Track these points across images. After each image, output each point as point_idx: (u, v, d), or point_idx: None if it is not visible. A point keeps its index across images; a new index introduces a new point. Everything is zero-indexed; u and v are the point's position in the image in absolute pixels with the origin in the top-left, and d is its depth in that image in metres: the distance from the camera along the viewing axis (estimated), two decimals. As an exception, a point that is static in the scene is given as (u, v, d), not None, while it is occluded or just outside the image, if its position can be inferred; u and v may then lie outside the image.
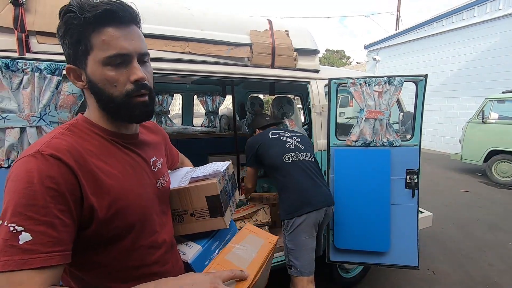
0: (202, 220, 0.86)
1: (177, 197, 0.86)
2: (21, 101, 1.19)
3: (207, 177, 0.86)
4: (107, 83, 0.61)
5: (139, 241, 0.67)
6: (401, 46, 10.93)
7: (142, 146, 0.74)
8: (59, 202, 0.52)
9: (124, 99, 0.62)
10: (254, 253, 0.79)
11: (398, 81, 1.86)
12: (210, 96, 3.70)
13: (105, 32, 0.59)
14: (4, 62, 1.14)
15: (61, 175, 0.53)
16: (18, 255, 0.48)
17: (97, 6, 0.57)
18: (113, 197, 0.60)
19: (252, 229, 0.93)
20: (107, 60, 0.59)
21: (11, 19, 1.34)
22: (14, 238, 0.48)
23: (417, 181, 1.93)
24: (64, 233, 0.52)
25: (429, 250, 3.12)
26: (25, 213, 0.49)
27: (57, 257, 0.51)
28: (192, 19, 1.79)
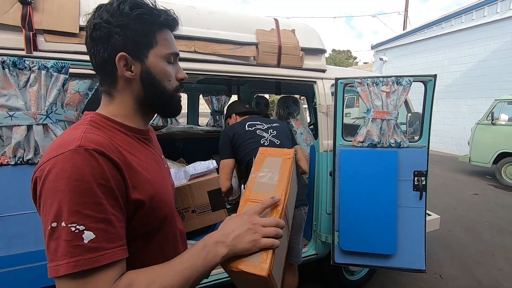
0: (203, 215, 0.89)
1: (178, 195, 0.88)
2: (28, 99, 1.20)
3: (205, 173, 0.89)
4: (165, 77, 0.67)
5: (170, 232, 0.71)
6: (408, 46, 10.81)
7: (152, 142, 0.77)
8: (111, 198, 0.52)
9: (173, 93, 0.69)
10: (277, 174, 0.78)
11: (406, 81, 1.83)
12: (216, 96, 3.70)
13: (167, 33, 0.68)
14: (12, 60, 1.15)
15: (108, 170, 0.53)
16: (87, 254, 0.48)
17: (168, 13, 0.67)
18: (151, 190, 0.62)
19: (266, 151, 0.90)
20: (168, 55, 0.67)
21: (19, 17, 1.35)
22: (78, 238, 0.48)
23: (425, 183, 1.89)
24: (120, 228, 0.54)
25: (436, 253, 3.07)
26: (83, 212, 0.49)
27: (120, 251, 0.52)
28: (198, 18, 1.79)
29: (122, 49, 0.62)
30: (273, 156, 0.86)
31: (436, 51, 9.74)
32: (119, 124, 0.66)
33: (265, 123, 1.94)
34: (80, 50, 1.48)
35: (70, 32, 1.45)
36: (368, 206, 1.91)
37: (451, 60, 9.30)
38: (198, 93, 3.79)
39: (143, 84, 0.65)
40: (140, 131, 0.70)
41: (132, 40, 0.62)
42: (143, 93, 0.66)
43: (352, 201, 1.93)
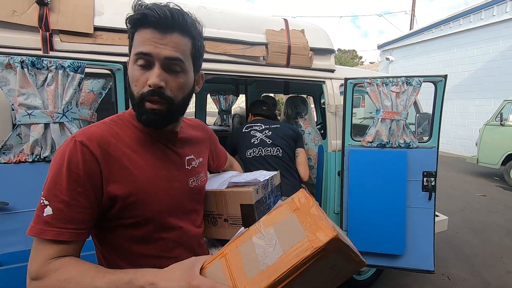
0: (234, 227, 0.82)
1: (213, 199, 0.84)
2: (46, 98, 1.22)
3: (246, 184, 0.83)
4: (132, 81, 0.64)
5: (159, 233, 0.69)
6: (415, 46, 10.71)
7: (180, 143, 0.77)
8: (79, 186, 0.58)
9: (138, 100, 0.63)
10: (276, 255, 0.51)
11: (416, 81, 1.83)
12: (223, 95, 3.72)
13: (142, 32, 0.63)
14: (30, 60, 1.18)
15: (84, 162, 0.59)
16: (40, 225, 0.57)
17: (141, 10, 0.62)
18: (135, 187, 0.64)
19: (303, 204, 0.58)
20: (134, 57, 0.63)
21: (36, 18, 1.38)
22: (41, 210, 0.58)
23: (434, 183, 1.89)
24: (79, 214, 0.59)
25: (444, 255, 3.05)
26: (53, 190, 0.58)
27: (67, 233, 0.58)
28: (208, 18, 1.80)
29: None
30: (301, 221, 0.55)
31: (444, 51, 9.63)
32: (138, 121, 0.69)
33: (264, 124, 2.01)
34: (94, 50, 1.51)
35: (84, 33, 1.48)
36: (377, 206, 1.91)
37: (459, 60, 9.20)
38: (205, 93, 3.81)
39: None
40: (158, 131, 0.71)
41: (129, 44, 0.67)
42: None
43: (360, 201, 1.94)
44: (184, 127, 0.81)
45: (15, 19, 1.36)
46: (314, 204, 0.59)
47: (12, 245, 1.23)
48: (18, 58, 1.16)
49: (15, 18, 1.36)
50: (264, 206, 0.88)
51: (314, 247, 0.48)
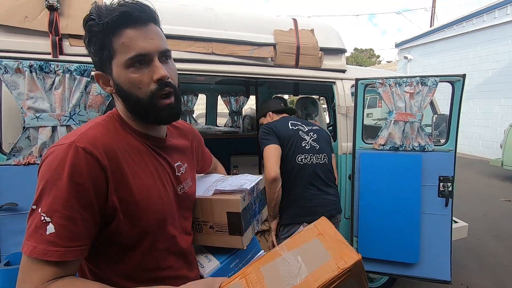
0: (220, 234, 0.82)
1: (199, 206, 0.83)
2: (53, 101, 1.25)
3: (232, 192, 0.81)
4: (132, 85, 0.61)
5: (155, 245, 0.66)
6: (436, 43, 10.32)
7: (168, 149, 0.74)
8: (83, 197, 0.54)
9: (149, 100, 0.62)
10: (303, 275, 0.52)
11: (432, 81, 1.74)
12: (234, 97, 3.71)
13: (123, 34, 0.59)
14: (39, 64, 1.21)
15: (89, 171, 0.54)
16: (43, 244, 0.52)
17: (113, 10, 0.58)
18: (135, 197, 0.61)
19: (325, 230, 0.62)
20: (129, 62, 0.60)
21: (47, 23, 1.41)
22: (43, 227, 0.52)
23: (451, 189, 1.79)
24: (83, 228, 0.55)
25: (464, 263, 2.90)
26: (54, 205, 0.52)
27: (73, 252, 0.54)
28: (216, 20, 1.79)
29: (96, 67, 0.63)
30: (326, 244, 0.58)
31: (466, 48, 9.22)
32: (130, 127, 0.67)
33: (305, 125, 1.80)
34: (103, 53, 1.53)
35: (93, 36, 1.50)
36: (389, 211, 1.84)
37: (482, 58, 8.77)
38: (216, 94, 3.82)
39: (120, 97, 0.64)
40: (150, 138, 0.69)
41: (98, 57, 0.62)
42: (124, 105, 0.65)
43: (372, 206, 1.87)
44: (170, 131, 0.79)
45: (27, 25, 1.40)
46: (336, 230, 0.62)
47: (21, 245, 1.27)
48: (27, 62, 1.19)
49: (27, 24, 1.40)
50: (250, 213, 0.86)
51: (341, 268, 0.51)
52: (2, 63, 1.16)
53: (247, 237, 0.82)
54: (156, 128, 0.71)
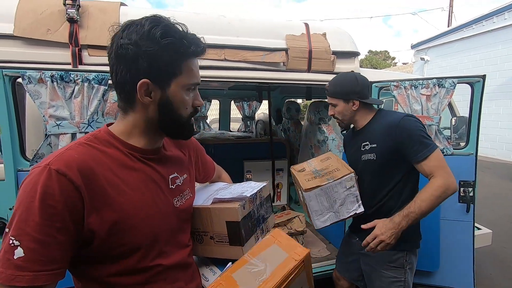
0: (220, 245, 0.79)
1: (199, 216, 0.81)
2: (73, 109, 1.30)
3: (232, 200, 0.79)
4: (182, 105, 0.67)
5: (144, 261, 0.65)
6: (454, 44, 10.02)
7: (162, 161, 0.73)
8: (57, 220, 0.52)
9: (187, 119, 0.69)
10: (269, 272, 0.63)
11: (450, 83, 1.69)
12: (247, 102, 3.74)
13: (193, 63, 0.67)
14: (60, 74, 1.26)
15: (62, 192, 0.53)
16: (10, 270, 0.49)
17: (197, 43, 0.65)
18: (119, 215, 0.59)
19: (279, 237, 0.74)
20: (190, 86, 0.67)
21: (67, 35, 1.48)
22: (11, 251, 0.50)
23: (472, 194, 1.72)
24: (57, 251, 0.53)
25: (488, 272, 2.77)
26: (24, 228, 0.51)
27: (44, 276, 0.51)
28: (228, 27, 1.82)
29: (145, 75, 0.61)
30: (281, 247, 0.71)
31: (487, 47, 8.90)
32: (120, 141, 0.66)
33: None
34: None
35: (110, 46, 1.56)
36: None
37: (504, 57, 8.43)
38: (229, 99, 3.86)
39: (159, 109, 0.65)
40: (142, 150, 0.68)
41: (157, 68, 0.61)
42: (157, 118, 0.66)
43: (388, 211, 1.82)
44: (166, 142, 0.78)
45: (49, 37, 1.47)
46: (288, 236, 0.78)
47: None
48: (49, 73, 1.25)
49: (49, 36, 1.47)
50: (252, 222, 0.82)
51: (296, 259, 0.66)
52: (26, 74, 1.23)
53: (248, 247, 0.78)
54: (154, 141, 0.70)
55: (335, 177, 1.27)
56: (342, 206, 1.29)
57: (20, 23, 1.45)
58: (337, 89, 1.38)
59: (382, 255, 1.28)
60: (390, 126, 1.27)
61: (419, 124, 1.26)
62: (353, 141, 1.47)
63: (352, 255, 1.50)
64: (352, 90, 1.34)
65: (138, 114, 0.66)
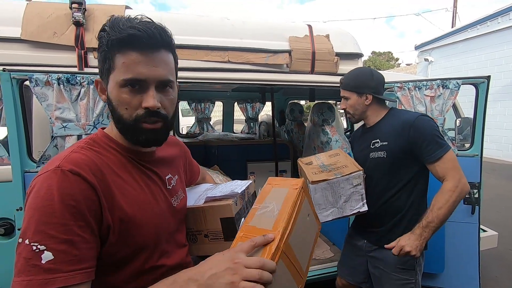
0: (215, 242, 0.81)
1: (192, 216, 0.83)
2: (79, 111, 1.32)
3: (223, 197, 0.81)
4: (120, 104, 0.61)
5: (150, 262, 0.65)
6: (458, 44, 9.96)
7: (157, 163, 0.73)
8: (79, 219, 0.52)
9: (132, 122, 0.61)
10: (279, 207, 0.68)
11: (454, 84, 1.68)
12: (250, 103, 3.75)
13: (127, 55, 0.59)
14: (66, 77, 1.28)
15: (81, 191, 0.53)
16: (40, 275, 0.48)
17: (124, 30, 0.57)
18: (126, 215, 0.59)
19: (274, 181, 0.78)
20: (123, 82, 0.60)
21: (73, 38, 1.50)
22: (37, 257, 0.48)
23: (477, 196, 1.71)
24: (85, 250, 0.52)
25: (494, 274, 2.74)
26: (47, 232, 0.49)
27: (78, 275, 0.51)
28: (231, 29, 1.83)
29: (99, 74, 0.64)
30: (280, 187, 0.76)
31: (491, 48, 8.83)
32: (116, 143, 0.66)
33: None
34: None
35: (115, 49, 1.57)
36: (411, 219, 1.77)
37: (509, 58, 8.35)
38: (233, 101, 3.87)
39: (109, 108, 0.64)
40: (137, 153, 0.68)
41: (100, 65, 0.63)
42: (112, 117, 0.65)
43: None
44: None
45: (55, 40, 1.50)
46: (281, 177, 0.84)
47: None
48: (55, 75, 1.26)
49: (55, 39, 1.50)
50: (243, 217, 0.84)
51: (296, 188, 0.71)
52: (34, 77, 1.24)
53: None
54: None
55: (343, 173, 1.27)
56: (347, 203, 1.29)
57: (27, 26, 1.47)
58: (352, 82, 1.37)
59: (393, 258, 1.26)
60: (404, 124, 1.25)
61: (433, 124, 1.25)
62: (362, 138, 1.46)
63: (358, 257, 1.48)
64: (367, 84, 1.34)
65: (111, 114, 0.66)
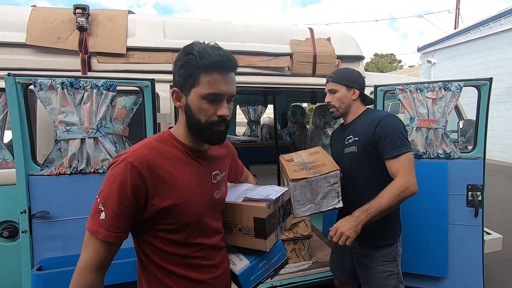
0: (247, 237, 0.94)
1: (230, 210, 0.95)
2: (82, 115, 1.33)
3: (260, 200, 0.93)
4: (199, 111, 0.79)
5: (191, 238, 0.82)
6: (461, 46, 9.92)
7: (208, 160, 0.89)
8: (126, 199, 0.72)
9: (207, 126, 0.80)
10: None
11: (456, 86, 1.68)
12: (252, 106, 3.76)
13: (211, 75, 0.77)
14: (70, 81, 1.29)
15: (132, 180, 0.73)
16: (96, 225, 0.72)
17: (212, 57, 0.75)
18: (176, 199, 0.78)
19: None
20: (206, 95, 0.77)
21: (77, 43, 1.52)
22: (99, 212, 0.73)
23: (481, 198, 1.70)
24: (123, 222, 0.74)
25: (499, 278, 2.71)
26: (107, 200, 0.73)
27: (113, 236, 0.73)
28: (234, 33, 1.85)
29: (176, 85, 0.81)
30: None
31: (494, 50, 8.78)
32: (178, 141, 0.84)
33: None
34: (127, 68, 1.62)
35: (118, 53, 1.59)
36: (414, 222, 1.76)
37: (513, 59, 8.31)
38: (235, 104, 3.88)
39: (186, 113, 0.81)
40: (193, 150, 0.85)
41: (182, 79, 0.79)
42: (186, 121, 0.82)
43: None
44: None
45: (60, 45, 1.52)
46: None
47: (52, 251, 1.34)
48: (59, 79, 1.28)
49: (59, 44, 1.52)
50: (274, 220, 0.97)
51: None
52: (38, 81, 1.26)
53: (270, 241, 0.94)
54: (201, 144, 0.87)
55: (321, 172, 1.34)
56: (323, 199, 1.36)
57: (32, 31, 1.49)
58: (342, 75, 1.47)
59: (375, 252, 1.38)
60: (372, 121, 1.35)
61: (399, 124, 1.33)
62: (339, 135, 1.55)
63: (344, 255, 1.54)
64: (356, 80, 1.45)
65: (181, 117, 0.85)
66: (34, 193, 1.31)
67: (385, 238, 1.38)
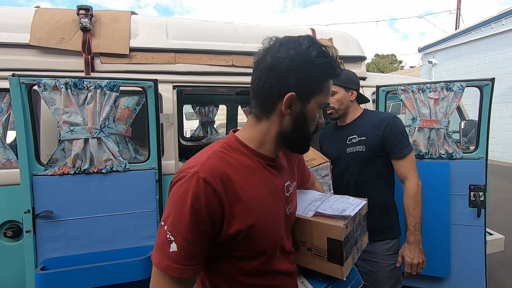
0: (318, 259, 0.79)
1: (298, 226, 0.81)
2: (85, 115, 1.34)
3: (334, 216, 0.78)
4: (313, 120, 0.71)
5: (267, 265, 0.70)
6: (462, 46, 9.92)
7: (280, 169, 0.77)
8: (201, 223, 0.60)
9: (311, 135, 0.73)
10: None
11: (458, 86, 1.68)
12: (254, 106, 3.76)
13: (330, 83, 0.71)
14: (73, 82, 1.30)
15: (207, 199, 0.60)
16: (166, 260, 0.59)
17: (335, 62, 0.69)
18: (250, 220, 0.65)
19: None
20: (322, 104, 0.71)
21: (80, 43, 1.53)
22: (168, 244, 0.59)
23: (483, 199, 1.70)
24: (199, 249, 0.61)
25: (502, 279, 2.70)
26: (178, 227, 0.59)
27: (191, 270, 0.60)
28: (235, 34, 1.86)
29: (293, 88, 0.65)
30: None
31: (496, 50, 8.78)
32: (249, 149, 0.70)
33: None
34: (130, 69, 1.63)
35: (121, 54, 1.60)
36: (416, 222, 1.76)
37: (514, 60, 8.30)
38: (236, 105, 3.89)
39: (294, 122, 0.69)
40: (266, 157, 0.72)
41: (305, 84, 0.66)
42: (290, 130, 0.70)
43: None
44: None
45: (63, 46, 1.53)
46: None
47: (56, 251, 1.34)
48: (63, 80, 1.29)
49: (63, 45, 1.53)
50: (351, 241, 0.81)
51: None
52: (42, 82, 1.27)
53: (347, 267, 0.78)
54: (277, 150, 0.75)
55: (312, 165, 1.34)
56: None
57: (35, 32, 1.50)
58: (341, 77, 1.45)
59: (379, 247, 1.42)
60: (380, 122, 1.40)
61: (403, 125, 1.44)
62: (334, 135, 1.56)
63: None
64: (353, 80, 1.49)
65: (272, 123, 0.70)
66: (38, 193, 1.32)
67: (390, 232, 1.45)
